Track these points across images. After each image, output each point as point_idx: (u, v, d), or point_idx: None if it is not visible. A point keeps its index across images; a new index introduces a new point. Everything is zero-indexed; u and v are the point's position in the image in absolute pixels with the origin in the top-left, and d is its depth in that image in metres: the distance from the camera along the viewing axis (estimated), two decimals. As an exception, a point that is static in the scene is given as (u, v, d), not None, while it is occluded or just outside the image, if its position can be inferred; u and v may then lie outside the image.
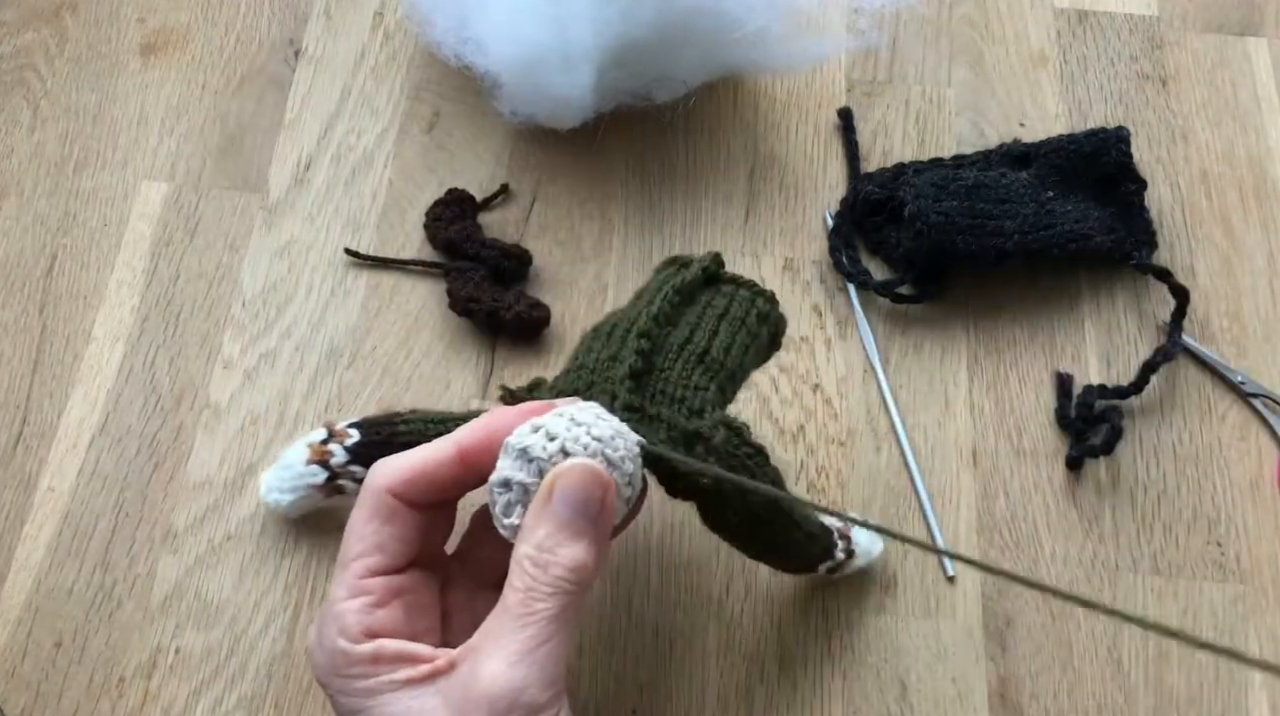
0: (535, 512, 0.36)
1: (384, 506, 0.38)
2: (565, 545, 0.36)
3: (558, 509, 0.36)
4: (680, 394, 0.41)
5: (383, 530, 0.38)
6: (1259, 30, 0.64)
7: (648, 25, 0.54)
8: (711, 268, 0.45)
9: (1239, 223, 0.59)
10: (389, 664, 0.36)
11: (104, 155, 0.59)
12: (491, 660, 0.35)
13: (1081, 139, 0.57)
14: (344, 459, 0.48)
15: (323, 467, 0.48)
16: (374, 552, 0.38)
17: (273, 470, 0.49)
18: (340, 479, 0.48)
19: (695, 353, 0.42)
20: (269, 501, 0.49)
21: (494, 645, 0.35)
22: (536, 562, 0.36)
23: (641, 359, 0.41)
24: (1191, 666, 0.48)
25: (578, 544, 0.36)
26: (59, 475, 0.51)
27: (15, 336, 0.55)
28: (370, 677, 0.35)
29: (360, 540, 0.38)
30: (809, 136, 0.61)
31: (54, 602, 0.49)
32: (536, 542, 0.36)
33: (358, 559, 0.37)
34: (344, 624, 0.36)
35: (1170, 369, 0.55)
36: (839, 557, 0.47)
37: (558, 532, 0.36)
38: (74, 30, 0.63)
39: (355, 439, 0.48)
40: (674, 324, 0.43)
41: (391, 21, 0.63)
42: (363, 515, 0.38)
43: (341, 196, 0.58)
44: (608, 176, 0.59)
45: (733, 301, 0.44)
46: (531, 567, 0.36)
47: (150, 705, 0.47)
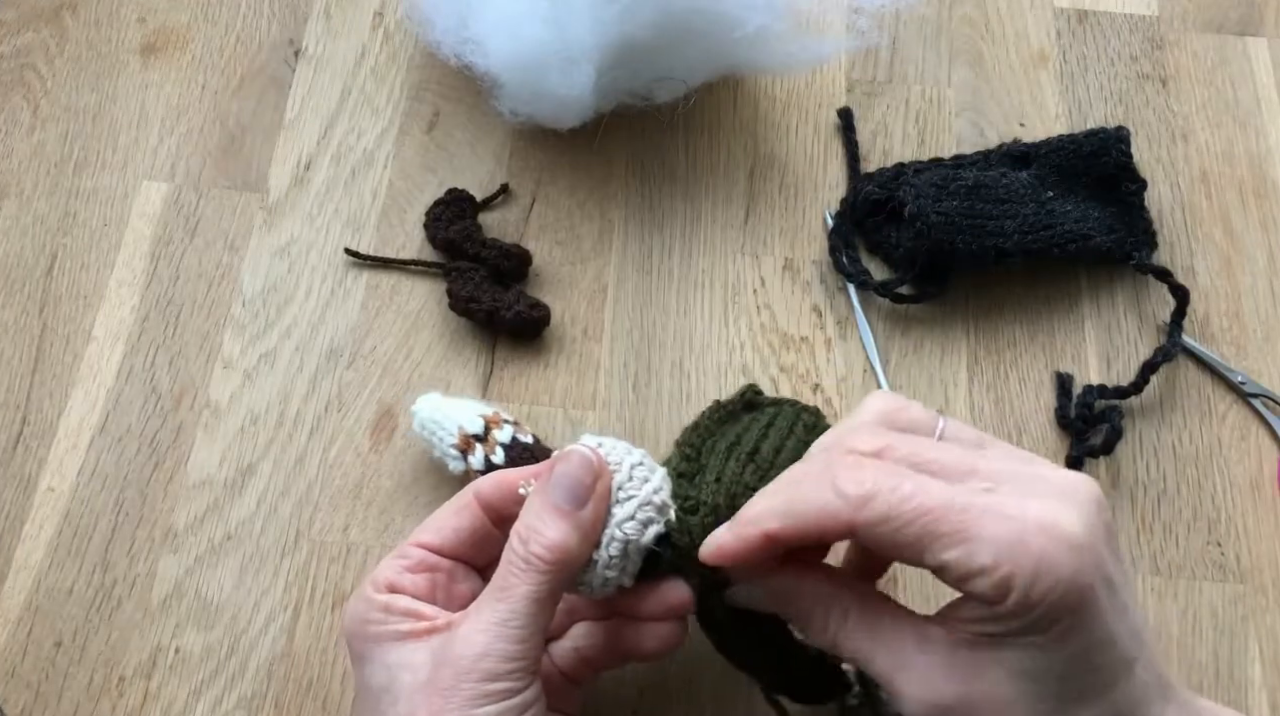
0: (534, 492, 0.38)
1: (463, 501, 0.41)
2: (549, 525, 0.37)
3: (550, 491, 0.38)
4: (730, 487, 0.39)
5: (449, 517, 0.41)
6: (1259, 30, 0.64)
7: (648, 25, 0.54)
8: (749, 394, 0.45)
9: (1239, 223, 0.59)
10: (397, 615, 0.38)
11: (104, 155, 0.59)
12: (467, 624, 0.37)
13: (1081, 139, 0.57)
14: (505, 440, 0.49)
15: (484, 426, 0.49)
16: (430, 531, 0.41)
17: (448, 399, 0.50)
18: (480, 445, 0.49)
19: (744, 452, 0.41)
20: (417, 408, 0.50)
21: (475, 612, 0.37)
22: (521, 539, 0.37)
23: (687, 461, 0.41)
24: (1192, 666, 0.48)
25: (561, 525, 0.37)
26: (59, 475, 0.51)
27: (15, 336, 0.55)
28: (380, 625, 0.38)
29: (433, 517, 0.41)
30: (809, 136, 0.61)
31: (54, 602, 0.49)
32: (526, 522, 0.38)
33: (420, 530, 0.41)
34: (378, 577, 0.39)
35: (1170, 369, 0.55)
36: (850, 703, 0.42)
37: (544, 512, 0.37)
38: (74, 30, 0.63)
39: (528, 440, 0.49)
40: (715, 435, 0.42)
41: (391, 21, 0.63)
42: (447, 504, 0.41)
43: (341, 196, 0.58)
44: (608, 176, 0.59)
45: (778, 414, 0.43)
46: (516, 543, 0.37)
47: (150, 705, 0.47)
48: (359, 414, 0.53)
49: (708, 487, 0.39)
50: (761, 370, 0.54)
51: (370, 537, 0.50)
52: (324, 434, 0.52)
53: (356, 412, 0.53)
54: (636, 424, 0.53)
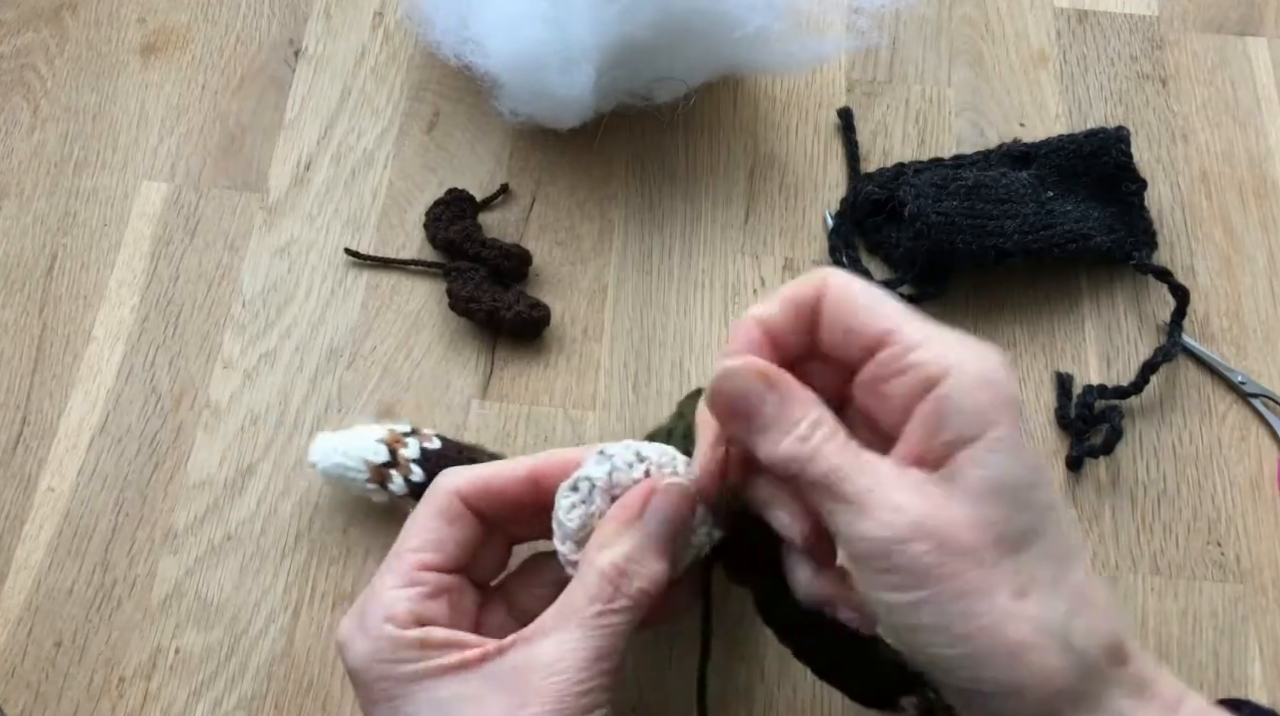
0: (623, 524, 0.37)
1: (450, 507, 0.39)
2: (652, 560, 0.36)
3: (651, 525, 0.37)
4: None
5: (445, 529, 0.39)
6: (1259, 30, 0.64)
7: (648, 25, 0.53)
8: None
9: (1239, 223, 0.59)
10: (438, 648, 0.36)
11: (104, 155, 0.59)
12: (559, 649, 0.35)
13: (1081, 139, 0.57)
14: (414, 456, 0.48)
15: (389, 452, 0.48)
16: (432, 549, 0.38)
17: (337, 433, 0.49)
18: (394, 471, 0.48)
19: None
20: (315, 455, 0.49)
21: (561, 637, 0.35)
22: (622, 573, 0.36)
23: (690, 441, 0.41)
24: (1192, 666, 0.48)
25: (662, 561, 0.36)
26: (59, 475, 0.51)
27: (15, 336, 0.55)
28: (417, 662, 0.35)
29: (420, 534, 0.38)
30: (809, 136, 0.61)
31: (54, 602, 0.49)
32: (624, 554, 0.36)
33: (415, 551, 0.38)
34: (394, 611, 0.36)
35: (1170, 369, 0.55)
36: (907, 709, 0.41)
37: (648, 547, 0.36)
38: (74, 30, 0.63)
39: (435, 445, 0.48)
40: None
41: (391, 21, 0.63)
42: (428, 511, 0.39)
43: (341, 196, 0.58)
44: (608, 176, 0.59)
45: None
46: (615, 577, 0.36)
47: (150, 705, 0.47)
48: (359, 414, 0.53)
49: None
50: (761, 370, 0.54)
51: (370, 538, 0.50)
52: (324, 434, 0.52)
53: (356, 413, 0.53)
54: (636, 424, 0.53)
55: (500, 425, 0.53)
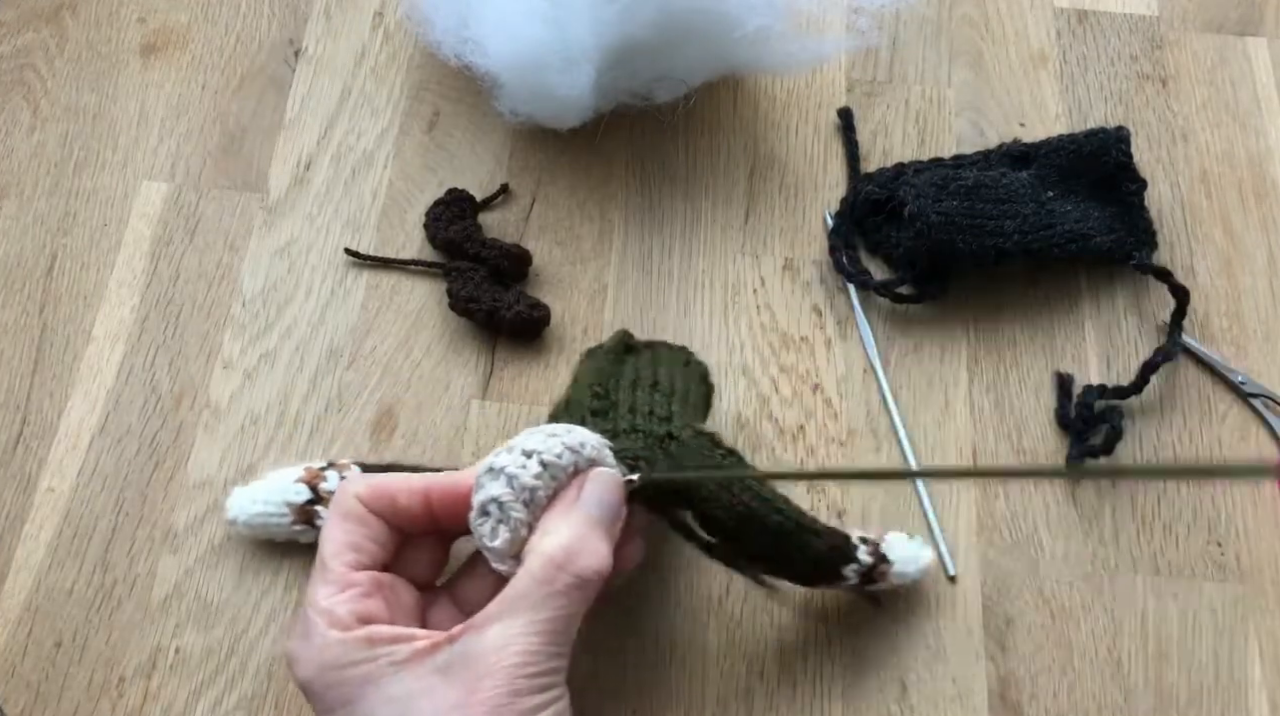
0: (562, 513, 0.38)
1: (353, 510, 0.39)
2: (592, 544, 0.37)
3: (589, 510, 0.38)
4: (647, 410, 0.44)
5: (355, 530, 0.39)
6: (1259, 30, 0.64)
7: (648, 25, 0.54)
8: (628, 339, 0.50)
9: (1239, 223, 0.59)
10: (386, 644, 0.36)
11: (104, 155, 0.59)
12: (507, 634, 0.35)
13: (1081, 139, 0.57)
14: (334, 487, 0.47)
15: (310, 490, 0.48)
16: (349, 550, 0.39)
17: (252, 486, 0.49)
18: (319, 506, 0.47)
19: (647, 383, 0.46)
20: (233, 511, 0.48)
21: (509, 623, 0.36)
22: (566, 558, 0.37)
23: (598, 399, 0.45)
24: (1192, 666, 0.48)
25: (603, 545, 0.37)
26: (59, 475, 0.51)
27: (15, 336, 0.55)
28: (368, 663, 0.36)
29: (334, 540, 0.39)
30: (809, 136, 0.61)
31: (54, 602, 0.49)
32: (564, 542, 0.37)
33: (335, 556, 0.38)
34: (335, 616, 0.37)
35: (1170, 369, 0.55)
36: (864, 561, 0.45)
37: (588, 532, 0.37)
38: (74, 30, 0.63)
39: (355, 473, 0.48)
40: (614, 376, 0.47)
41: (391, 21, 0.63)
42: (334, 517, 0.39)
43: (341, 196, 0.58)
44: (608, 176, 0.59)
45: (657, 353, 0.49)
46: (561, 564, 0.37)
47: (150, 705, 0.47)
48: (359, 414, 0.53)
49: (625, 418, 0.44)
50: (762, 370, 0.54)
51: (370, 537, 0.50)
52: (324, 434, 0.52)
53: (356, 413, 0.53)
54: (636, 424, 0.53)
55: (500, 425, 0.53)
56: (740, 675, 0.48)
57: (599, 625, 0.48)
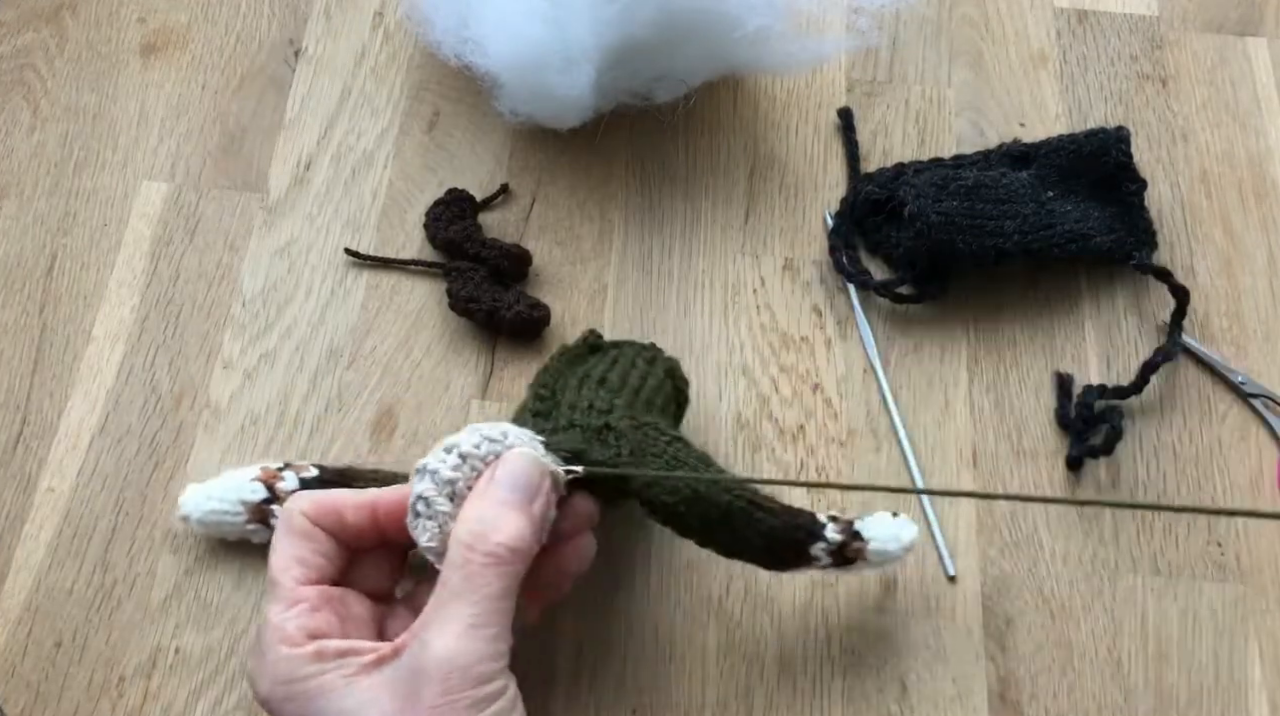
0: (475, 497, 0.38)
1: (298, 525, 0.40)
2: (504, 519, 0.38)
3: (498, 489, 0.38)
4: (586, 405, 0.45)
5: (301, 545, 0.40)
6: (1259, 30, 0.64)
7: (648, 25, 0.54)
8: (592, 338, 0.49)
9: (1239, 223, 0.59)
10: (334, 659, 0.37)
11: (104, 155, 0.59)
12: (440, 636, 0.36)
13: (1081, 139, 0.57)
14: (293, 486, 0.47)
15: (266, 488, 0.47)
16: (297, 565, 0.39)
17: (209, 483, 0.48)
18: (275, 506, 0.47)
19: (594, 381, 0.46)
20: (186, 507, 0.48)
21: (440, 622, 0.36)
22: (476, 538, 0.37)
23: (541, 400, 0.45)
24: (1192, 667, 0.48)
25: (517, 518, 0.38)
26: (59, 475, 0.51)
27: (15, 336, 0.55)
28: (317, 677, 0.36)
29: (281, 555, 0.40)
30: (809, 136, 0.61)
31: (54, 602, 0.49)
32: (475, 519, 0.38)
33: (283, 571, 0.39)
34: (284, 632, 0.37)
35: (1170, 369, 0.55)
36: (833, 538, 0.43)
37: (497, 508, 0.38)
38: (74, 30, 0.63)
39: (312, 473, 0.48)
40: (565, 376, 0.47)
41: (391, 21, 0.63)
42: (281, 532, 0.40)
43: (341, 196, 0.58)
44: (608, 176, 0.59)
45: (620, 353, 0.48)
46: (471, 543, 0.37)
47: (150, 705, 0.47)
48: (359, 414, 0.53)
49: (564, 416, 0.44)
50: (762, 370, 0.54)
51: (370, 537, 0.50)
52: (324, 434, 0.52)
53: (356, 413, 0.53)
54: (636, 424, 0.53)
55: (500, 425, 0.53)
56: (740, 675, 0.48)
57: (600, 625, 0.49)
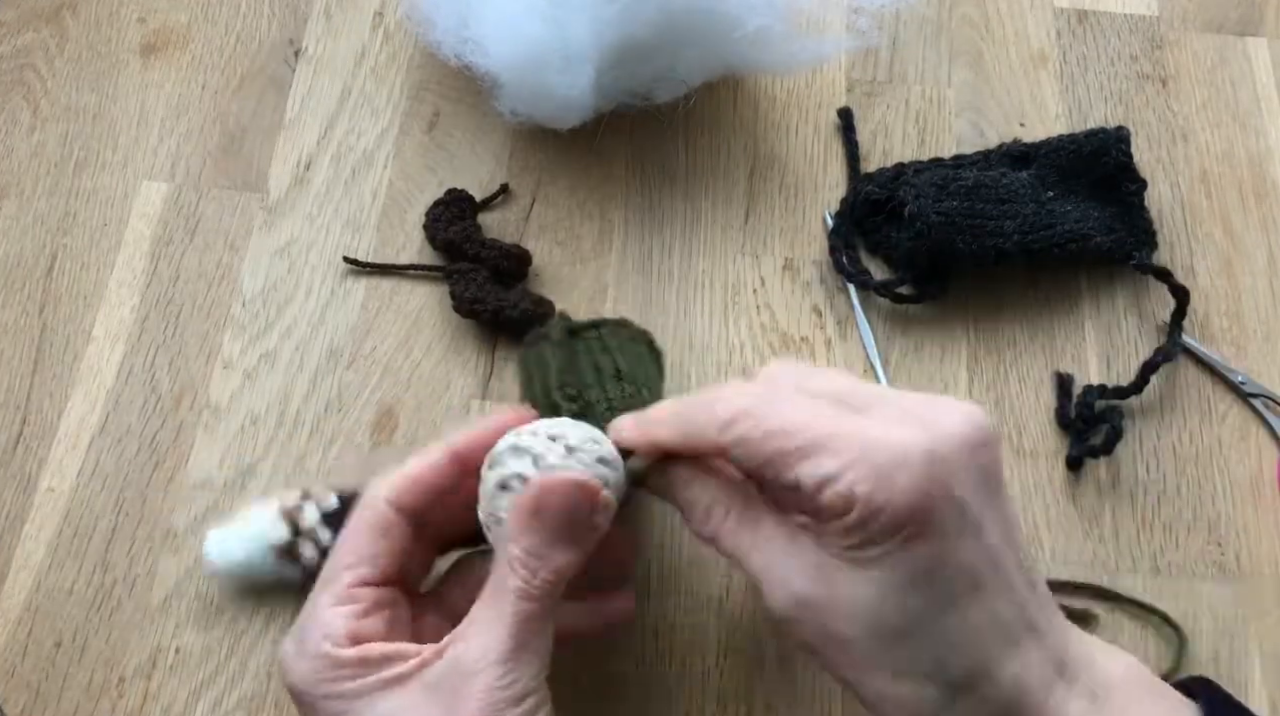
0: (525, 520, 0.37)
1: (382, 519, 0.39)
2: (555, 552, 0.37)
3: (548, 521, 0.37)
4: (617, 402, 0.44)
5: (378, 542, 0.39)
6: (1259, 30, 0.64)
7: (648, 25, 0.54)
8: (568, 323, 0.48)
9: (1239, 223, 0.59)
10: (378, 664, 0.37)
11: (104, 155, 0.59)
12: (482, 647, 0.36)
13: (1081, 139, 0.57)
14: (314, 521, 0.47)
15: (289, 526, 0.47)
16: (365, 564, 0.39)
17: (224, 528, 0.48)
18: (303, 543, 0.47)
19: (610, 374, 0.46)
20: (210, 556, 0.47)
21: (484, 633, 0.36)
22: (527, 566, 0.37)
23: (571, 401, 0.44)
24: (1192, 667, 0.48)
25: (566, 552, 0.37)
26: (59, 475, 0.51)
27: (15, 336, 0.55)
28: (358, 679, 0.36)
29: (354, 551, 0.39)
30: (809, 136, 0.61)
31: (54, 602, 0.49)
32: (526, 548, 0.37)
33: (350, 569, 0.39)
34: (331, 629, 0.37)
35: (1170, 369, 0.55)
36: None
37: (549, 540, 0.37)
38: (74, 30, 0.63)
39: (333, 504, 0.48)
40: (576, 372, 0.46)
41: (391, 21, 0.63)
42: (359, 526, 0.39)
43: (341, 196, 0.58)
44: (608, 176, 0.59)
45: (604, 337, 0.48)
46: (522, 570, 0.37)
47: (150, 705, 0.47)
48: (359, 414, 0.53)
49: (602, 416, 0.43)
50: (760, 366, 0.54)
51: (370, 537, 0.50)
52: (324, 434, 0.52)
53: (356, 413, 0.53)
54: (636, 424, 0.53)
55: (500, 425, 0.53)
56: (740, 675, 0.48)
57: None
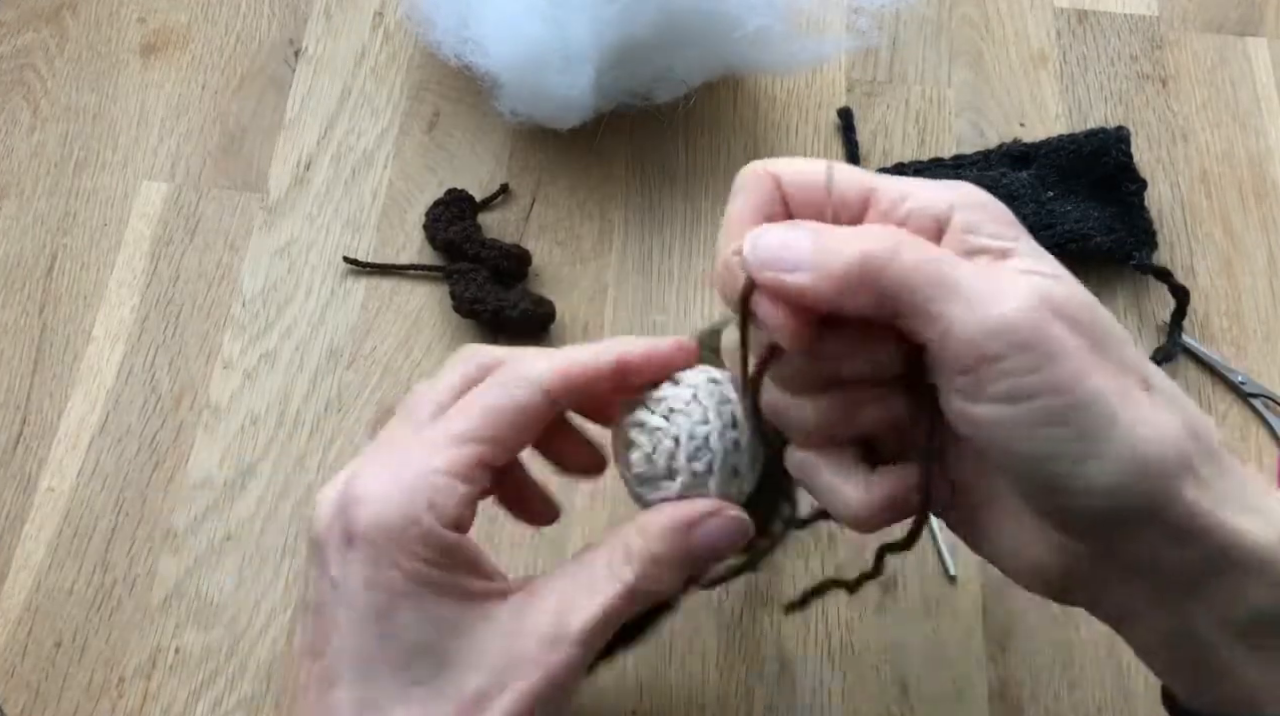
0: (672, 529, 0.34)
1: (533, 403, 0.34)
2: (676, 572, 0.34)
3: (694, 545, 0.34)
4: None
5: (521, 426, 0.34)
6: (1259, 30, 0.64)
7: (648, 25, 0.54)
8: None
9: (1239, 223, 0.59)
10: (462, 568, 0.33)
11: (104, 155, 0.59)
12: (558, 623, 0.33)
13: (1081, 139, 0.57)
14: None
15: None
16: (496, 444, 0.34)
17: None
18: None
19: None
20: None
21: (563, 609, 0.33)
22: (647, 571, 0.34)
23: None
24: (1191, 666, 0.48)
25: (683, 574, 0.35)
26: (59, 475, 0.51)
27: (15, 336, 0.55)
28: (437, 571, 0.32)
29: (494, 425, 0.34)
30: (809, 136, 0.61)
31: (54, 602, 0.49)
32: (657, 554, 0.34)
33: (478, 440, 0.33)
34: (441, 500, 0.32)
35: (1170, 369, 0.54)
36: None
37: (680, 560, 0.34)
38: (74, 30, 0.63)
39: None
40: None
41: (391, 21, 0.63)
42: (505, 400, 0.34)
43: (341, 196, 0.58)
44: (608, 176, 0.59)
45: None
46: (642, 569, 0.34)
47: (150, 705, 0.47)
48: (359, 414, 0.53)
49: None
50: (761, 370, 0.54)
51: (370, 537, 0.50)
52: (324, 434, 0.52)
53: (356, 413, 0.53)
54: (636, 424, 0.53)
55: (500, 425, 0.53)
56: (740, 675, 0.48)
57: (599, 625, 0.49)
